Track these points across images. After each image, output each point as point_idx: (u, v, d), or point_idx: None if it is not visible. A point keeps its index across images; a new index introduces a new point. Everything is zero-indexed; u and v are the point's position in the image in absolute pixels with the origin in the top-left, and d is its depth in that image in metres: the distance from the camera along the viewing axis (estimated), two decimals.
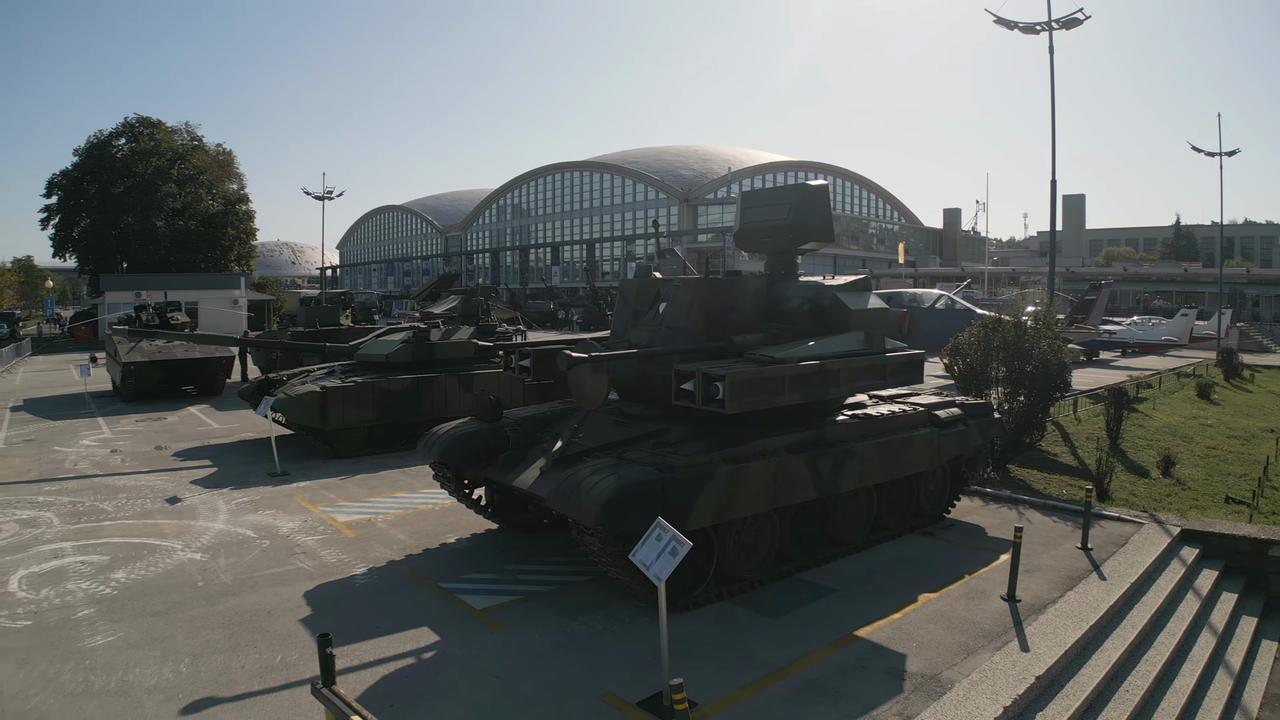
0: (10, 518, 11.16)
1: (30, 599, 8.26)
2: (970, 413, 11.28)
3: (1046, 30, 18.79)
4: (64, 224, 56.84)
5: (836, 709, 6.25)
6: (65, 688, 6.50)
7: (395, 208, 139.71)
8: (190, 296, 46.88)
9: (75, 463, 14.75)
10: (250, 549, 10.04)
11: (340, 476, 13.95)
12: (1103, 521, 11.01)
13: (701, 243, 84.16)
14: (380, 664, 7.10)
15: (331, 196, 63.04)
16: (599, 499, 7.41)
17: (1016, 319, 14.65)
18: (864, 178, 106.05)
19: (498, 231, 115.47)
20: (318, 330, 25.87)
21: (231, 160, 62.25)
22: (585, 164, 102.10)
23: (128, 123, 57.87)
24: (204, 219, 57.42)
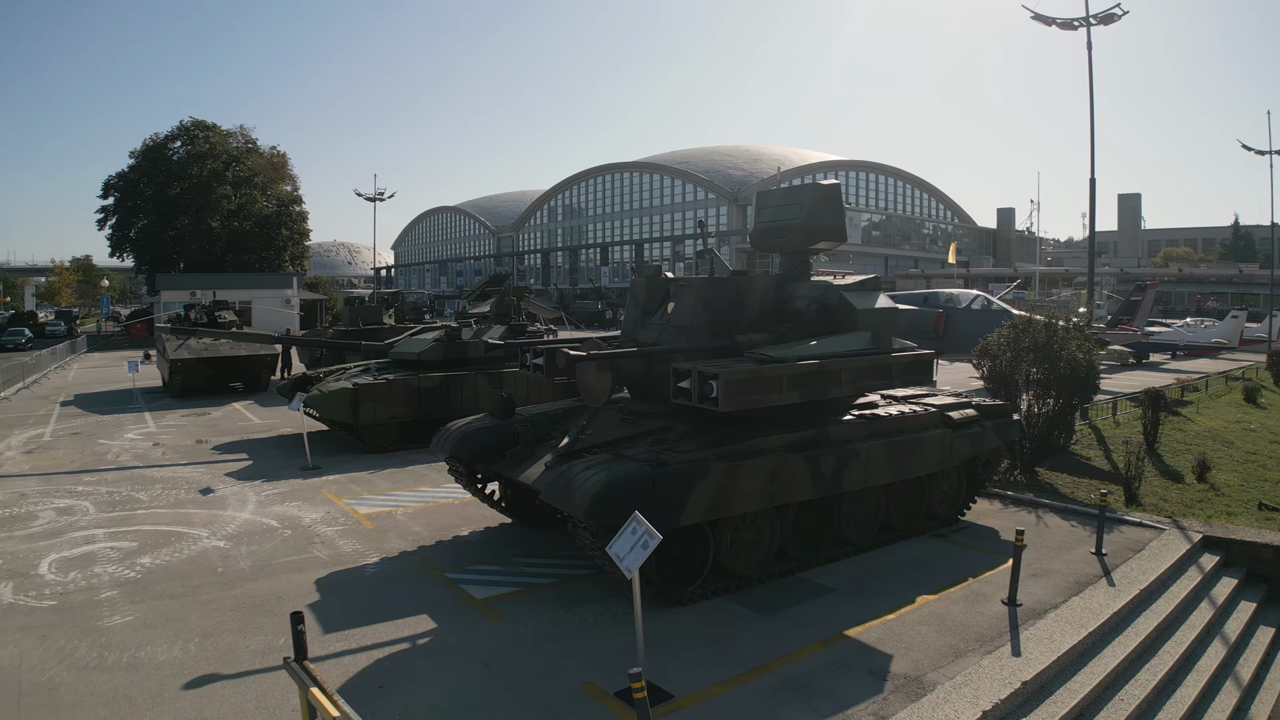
0: (49, 506, 11.79)
1: (58, 581, 8.77)
2: (986, 414, 11.10)
3: (1084, 26, 18.33)
4: (120, 224, 59.02)
5: (811, 706, 6.27)
6: (80, 662, 6.91)
7: (449, 208, 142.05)
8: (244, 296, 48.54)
9: (118, 455, 15.50)
10: (272, 538, 10.44)
11: (369, 471, 14.36)
12: (1123, 527, 10.72)
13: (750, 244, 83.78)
14: (376, 648, 7.36)
15: (383, 198, 64.70)
16: (589, 493, 7.56)
17: (1048, 319, 14.32)
18: (916, 177, 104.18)
19: (549, 232, 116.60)
20: (359, 329, 26.59)
21: (285, 162, 64.00)
22: (635, 164, 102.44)
23: (183, 126, 59.96)
24: (258, 220, 59.15)
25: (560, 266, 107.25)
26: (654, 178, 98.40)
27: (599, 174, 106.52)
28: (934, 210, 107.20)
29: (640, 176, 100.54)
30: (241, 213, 58.40)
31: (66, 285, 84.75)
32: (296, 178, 65.77)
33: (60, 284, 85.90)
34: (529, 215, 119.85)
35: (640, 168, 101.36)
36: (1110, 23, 18.22)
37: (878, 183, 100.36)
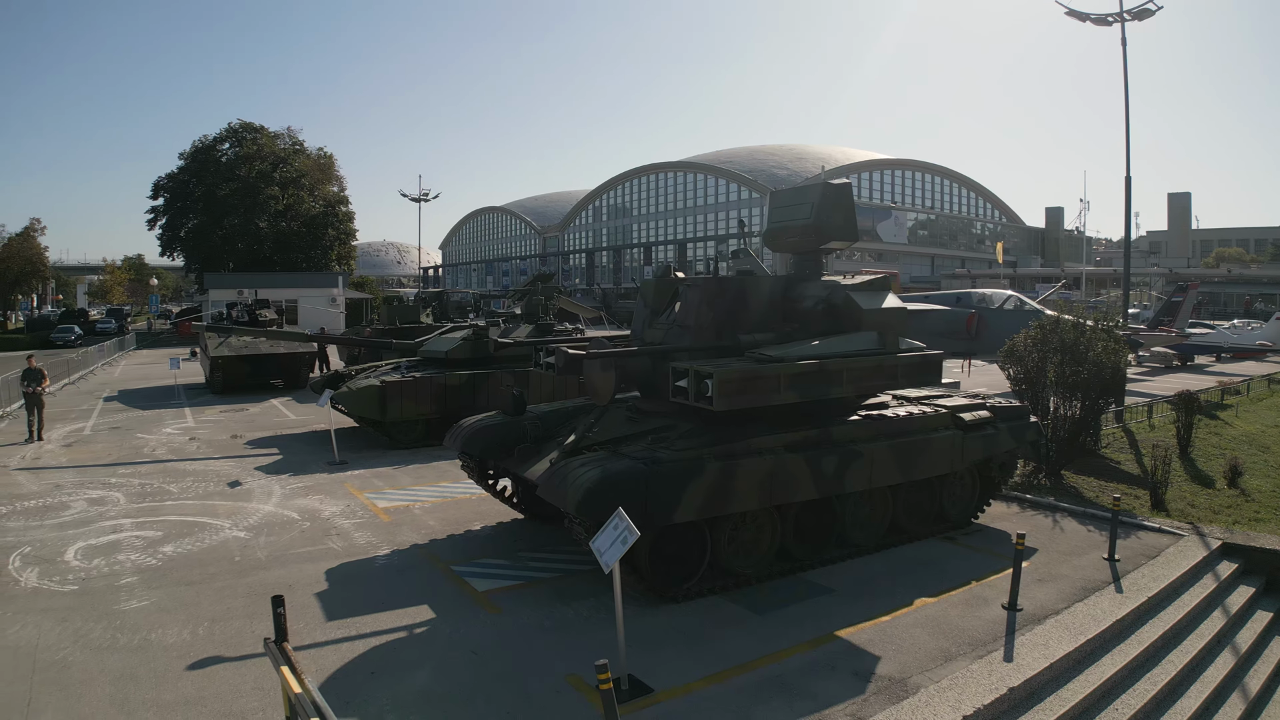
0: (81, 496, 12.33)
1: (82, 567, 9.20)
2: (1001, 416, 10.92)
3: (1119, 22, 17.84)
4: (170, 224, 60.97)
5: (789, 705, 6.28)
6: (93, 643, 7.26)
7: (495, 209, 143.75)
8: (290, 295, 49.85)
9: (153, 449, 16.12)
10: (290, 529, 10.79)
11: (394, 466, 14.70)
12: (1140, 532, 10.46)
13: None
14: (374, 635, 7.58)
15: (427, 198, 65.80)
16: (580, 489, 7.67)
17: (1077, 319, 14.00)
18: (964, 176, 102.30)
19: (594, 232, 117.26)
20: (396, 328, 27.13)
21: (332, 163, 65.43)
22: (680, 164, 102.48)
23: (231, 128, 61.70)
24: (305, 220, 60.56)
25: (604, 266, 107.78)
26: (698, 177, 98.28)
27: (643, 174, 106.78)
28: (982, 210, 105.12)
29: (684, 176, 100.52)
30: (289, 213, 59.86)
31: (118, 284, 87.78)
32: (343, 178, 67.22)
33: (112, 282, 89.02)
34: (574, 215, 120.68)
35: (684, 167, 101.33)
36: (1144, 18, 17.67)
37: (925, 181, 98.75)
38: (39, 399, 17.58)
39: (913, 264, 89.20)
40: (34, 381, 17.72)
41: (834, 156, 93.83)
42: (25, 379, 17.99)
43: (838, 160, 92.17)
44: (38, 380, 17.79)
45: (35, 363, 18.41)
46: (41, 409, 17.64)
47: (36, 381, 17.74)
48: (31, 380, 17.75)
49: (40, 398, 17.63)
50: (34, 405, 17.51)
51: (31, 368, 18.09)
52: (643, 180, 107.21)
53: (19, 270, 60.14)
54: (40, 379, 17.89)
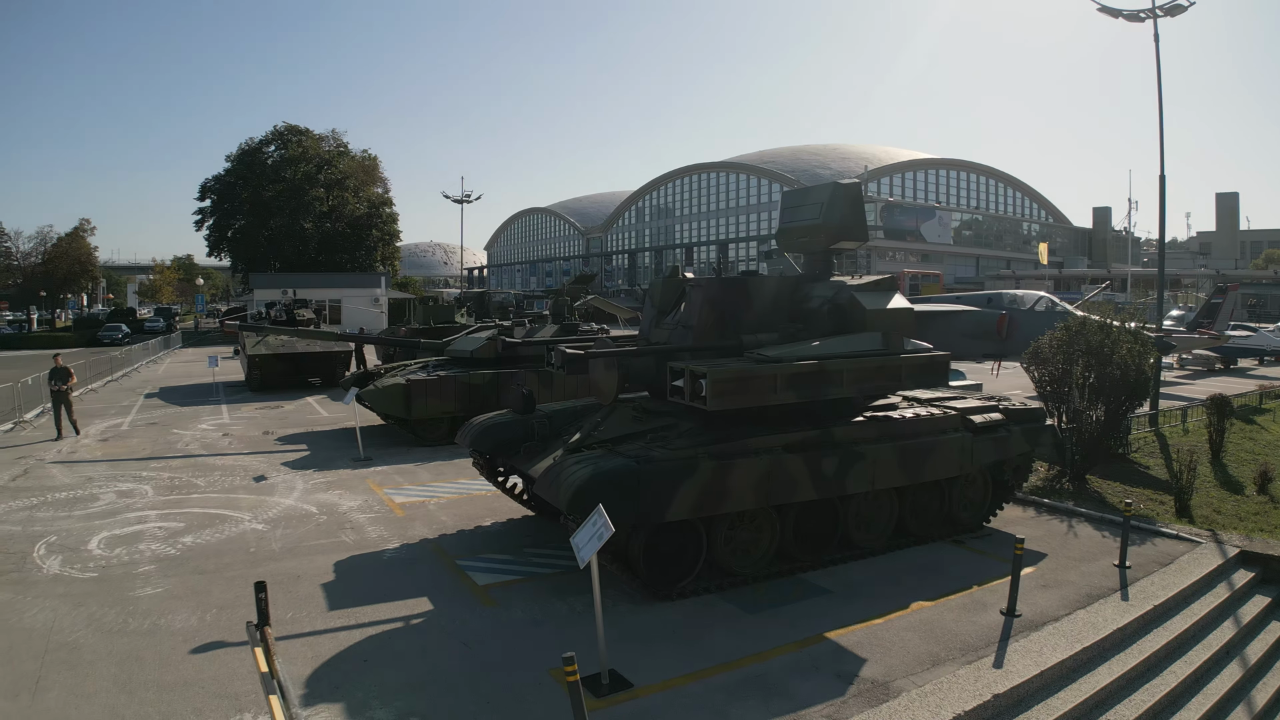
0: (111, 489, 12.83)
1: (103, 555, 9.60)
2: (1014, 418, 10.73)
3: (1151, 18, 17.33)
4: (217, 225, 62.65)
5: (766, 704, 6.29)
6: (105, 626, 7.59)
7: (540, 210, 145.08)
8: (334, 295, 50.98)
9: (187, 444, 16.68)
10: (307, 523, 11.09)
11: (416, 463, 14.99)
12: (1157, 539, 10.18)
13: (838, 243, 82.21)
14: (371, 625, 7.79)
15: (470, 199, 66.36)
16: (572, 486, 7.78)
17: (1104, 320, 13.67)
18: (1010, 175, 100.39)
19: (637, 232, 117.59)
20: (431, 327, 27.61)
21: (376, 165, 66.61)
22: (723, 165, 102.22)
23: (277, 130, 63.19)
24: (350, 221, 61.81)
25: (646, 267, 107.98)
26: (740, 177, 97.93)
27: (686, 174, 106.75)
28: (1028, 210, 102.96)
29: (727, 176, 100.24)
30: (333, 214, 61.17)
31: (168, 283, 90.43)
32: (387, 180, 68.38)
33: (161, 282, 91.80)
34: (617, 216, 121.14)
35: (727, 168, 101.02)
36: (1176, 13, 17.11)
37: (970, 181, 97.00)
38: (65, 397, 17.65)
39: (957, 265, 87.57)
40: (60, 380, 17.72)
41: (878, 156, 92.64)
42: (52, 377, 17.93)
43: (881, 160, 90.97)
44: (64, 379, 17.79)
45: (62, 361, 18.41)
46: (69, 407, 17.74)
47: (63, 380, 17.75)
48: (58, 379, 17.75)
49: (67, 396, 17.70)
50: (60, 403, 17.61)
51: (58, 366, 18.04)
52: (685, 181, 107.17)
53: (67, 270, 62.24)
54: (67, 377, 17.87)
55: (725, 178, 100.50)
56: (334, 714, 6.20)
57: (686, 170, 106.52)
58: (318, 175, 61.14)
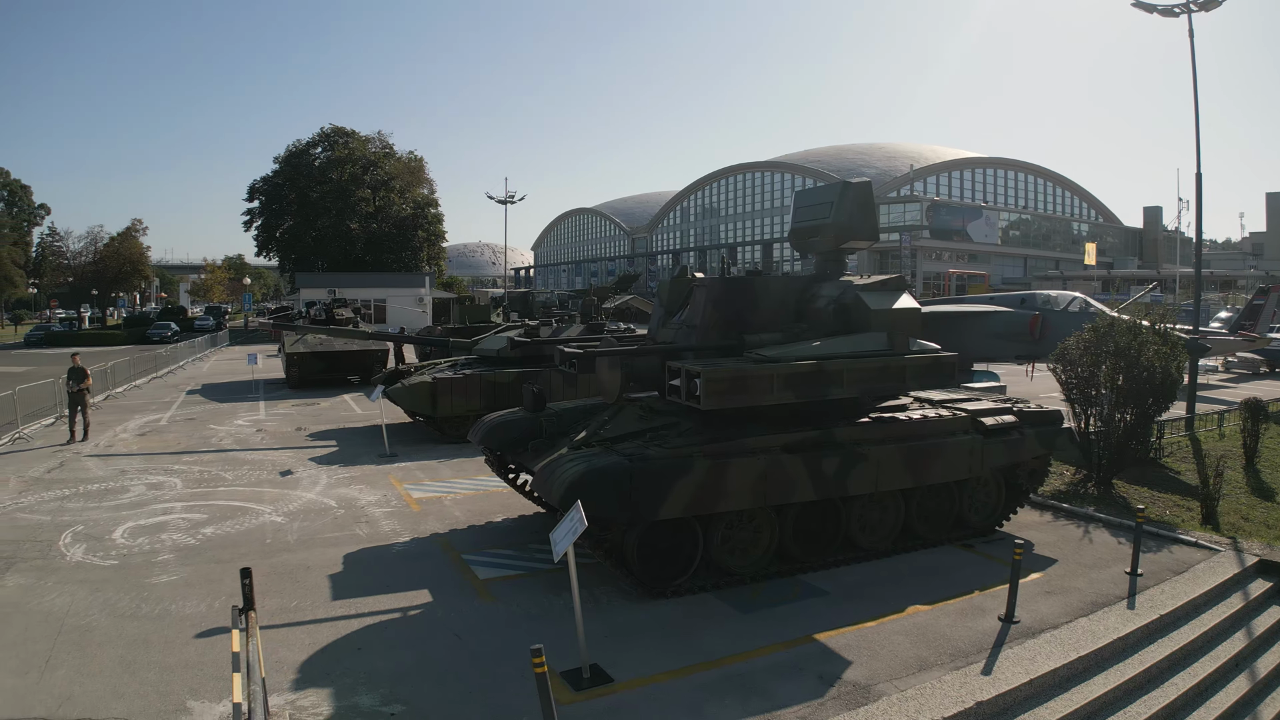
0: (143, 481, 13.33)
1: (126, 544, 10.01)
2: (1028, 420, 10.51)
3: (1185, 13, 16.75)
4: (266, 226, 64.18)
5: (743, 703, 6.30)
6: (118, 610, 7.94)
7: (586, 210, 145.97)
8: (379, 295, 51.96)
9: (221, 439, 17.23)
10: (324, 516, 11.41)
11: (439, 460, 15.27)
12: (1174, 546, 9.88)
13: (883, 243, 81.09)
14: (370, 615, 8.01)
15: (513, 200, 67.09)
16: (564, 483, 7.89)
17: (1134, 321, 13.30)
18: (1059, 174, 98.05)
19: (682, 232, 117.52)
20: (466, 327, 28.05)
21: (422, 166, 67.69)
22: (767, 164, 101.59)
23: (324, 132, 64.56)
24: (395, 222, 62.91)
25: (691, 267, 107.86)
26: (785, 177, 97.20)
27: (731, 174, 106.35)
28: (1078, 209, 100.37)
29: (772, 176, 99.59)
30: (379, 215, 62.33)
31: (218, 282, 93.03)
32: (433, 181, 69.42)
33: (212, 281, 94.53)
34: (662, 216, 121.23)
35: (772, 167, 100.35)
36: (1212, 8, 16.48)
37: (1017, 180, 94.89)
38: (82, 398, 17.10)
39: (1005, 265, 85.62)
40: (77, 380, 17.15)
41: (924, 155, 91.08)
42: (70, 377, 17.34)
43: (928, 158, 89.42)
44: (81, 379, 17.21)
45: (79, 361, 17.90)
46: (85, 409, 17.21)
47: (79, 380, 17.18)
48: (75, 379, 17.17)
49: (83, 397, 17.16)
50: (77, 404, 17.07)
51: (75, 366, 17.48)
52: (730, 181, 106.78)
53: (118, 269, 64.41)
54: (83, 377, 17.31)
55: (770, 177, 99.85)
56: (321, 698, 6.40)
57: (731, 170, 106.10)
58: (364, 176, 62.36)
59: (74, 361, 17.90)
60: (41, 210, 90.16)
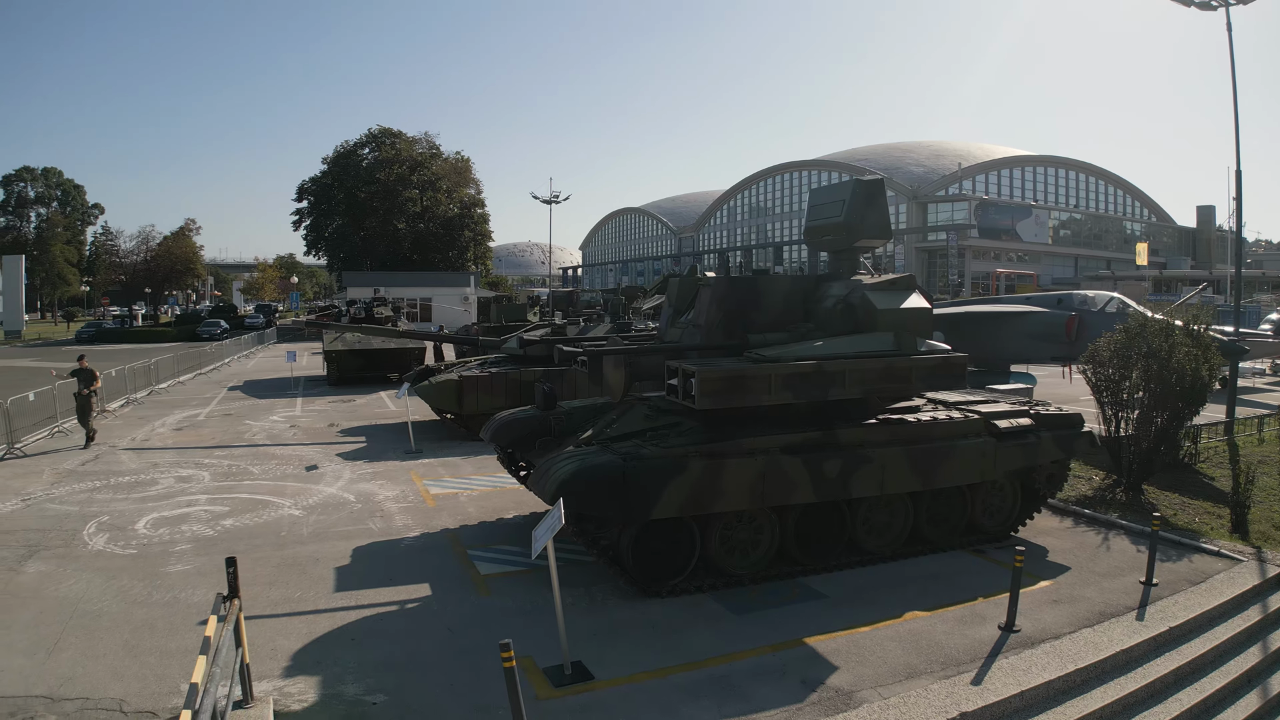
0: (172, 474, 13.77)
1: (147, 535, 10.38)
2: (1045, 424, 10.21)
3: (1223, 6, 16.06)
4: (314, 225, 65.53)
5: (719, 706, 6.26)
6: (130, 598, 8.24)
7: (633, 209, 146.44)
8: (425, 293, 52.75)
9: (254, 434, 17.71)
10: (341, 510, 11.66)
11: (462, 456, 15.48)
12: (1195, 555, 9.50)
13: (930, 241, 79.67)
14: (369, 607, 8.18)
15: (558, 200, 67.56)
16: (555, 482, 7.94)
17: (1167, 322, 12.83)
18: (1110, 173, 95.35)
19: (729, 231, 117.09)
20: (502, 325, 28.39)
21: (469, 167, 68.52)
22: (814, 163, 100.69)
23: (371, 133, 65.75)
24: (442, 221, 63.79)
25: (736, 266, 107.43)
26: (832, 175, 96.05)
27: (777, 173, 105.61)
28: (1130, 208, 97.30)
29: (819, 175, 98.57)
30: (426, 215, 63.28)
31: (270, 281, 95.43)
32: (479, 182, 70.27)
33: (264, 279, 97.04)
34: (709, 215, 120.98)
35: (819, 165, 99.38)
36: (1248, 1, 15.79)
37: (1068, 178, 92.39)
38: (88, 402, 16.33)
39: (1055, 265, 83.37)
40: (85, 383, 16.36)
41: (972, 153, 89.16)
42: (76, 379, 16.47)
43: (976, 156, 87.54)
44: (89, 381, 16.44)
45: (87, 363, 16.96)
46: (88, 413, 16.36)
47: (88, 382, 16.41)
48: (83, 381, 16.37)
49: (89, 400, 16.37)
50: (85, 408, 16.32)
51: (83, 368, 16.64)
52: (777, 180, 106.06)
53: (169, 267, 66.40)
54: (91, 380, 16.55)
55: (817, 176, 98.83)
56: (309, 685, 6.56)
57: (778, 169, 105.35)
58: (411, 177, 63.41)
59: (80, 364, 16.94)
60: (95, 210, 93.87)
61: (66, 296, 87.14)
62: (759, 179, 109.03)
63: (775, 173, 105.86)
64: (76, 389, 16.53)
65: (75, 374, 16.72)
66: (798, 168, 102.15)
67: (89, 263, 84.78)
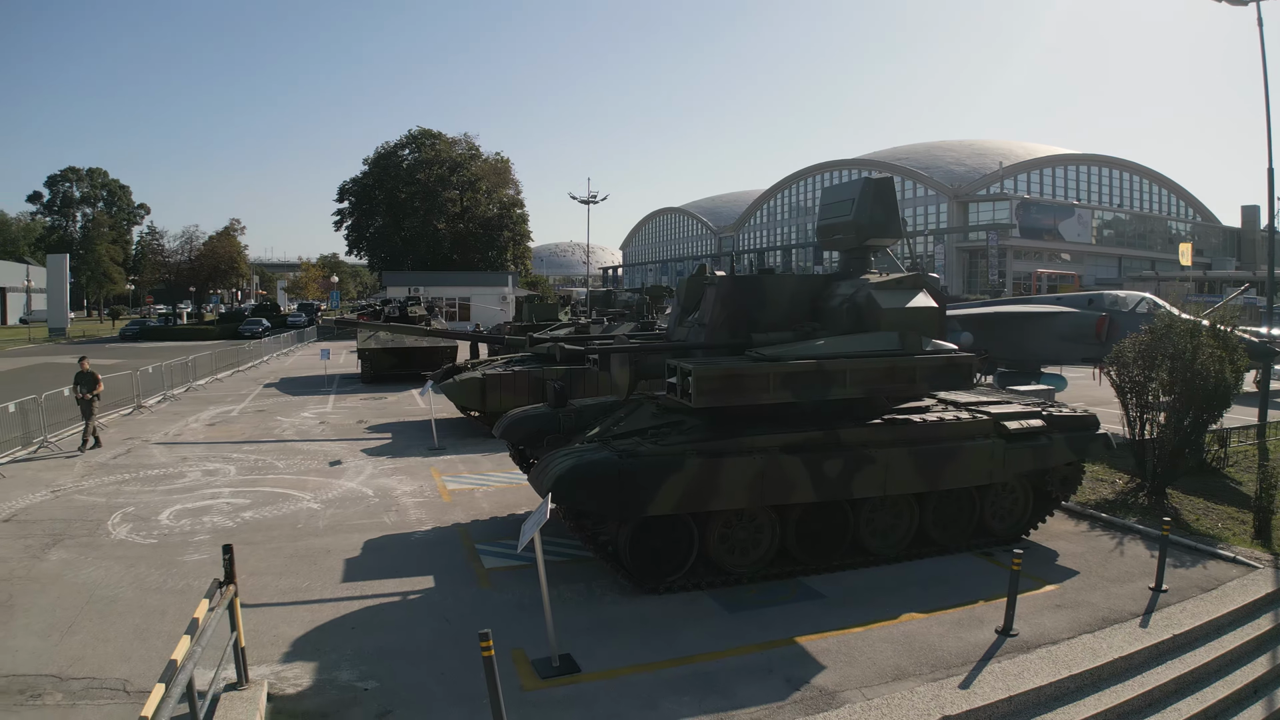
0: (200, 468, 14.20)
1: (169, 526, 10.75)
2: (1058, 425, 10.02)
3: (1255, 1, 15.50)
4: (356, 226, 66.63)
5: (700, 701, 6.30)
6: (145, 585, 8.57)
7: (673, 209, 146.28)
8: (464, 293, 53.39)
9: (284, 430, 18.16)
10: (358, 504, 11.93)
11: (483, 453, 15.69)
12: (1210, 561, 9.25)
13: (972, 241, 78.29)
14: (373, 597, 8.40)
15: (595, 200, 67.85)
16: (551, 477, 8.06)
17: (1195, 322, 12.49)
18: (1154, 171, 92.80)
19: (769, 231, 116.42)
20: (533, 325, 28.68)
21: (508, 168, 69.22)
22: (853, 162, 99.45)
23: (411, 134, 66.75)
24: (482, 222, 64.53)
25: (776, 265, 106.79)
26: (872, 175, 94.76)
27: (818, 172, 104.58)
28: (1175, 208, 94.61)
29: (859, 174, 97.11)
30: (466, 215, 64.08)
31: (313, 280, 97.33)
32: (519, 182, 70.91)
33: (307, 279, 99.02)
34: (749, 215, 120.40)
35: (860, 165, 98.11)
36: None
37: (1112, 178, 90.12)
38: (90, 406, 15.67)
39: (1099, 265, 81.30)
40: (87, 387, 15.71)
41: (1014, 151, 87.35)
42: (77, 383, 15.81)
43: (1018, 155, 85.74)
44: (91, 385, 15.76)
45: (89, 365, 16.29)
46: (92, 417, 15.76)
47: (90, 387, 15.74)
48: (84, 385, 15.72)
49: (92, 405, 15.70)
50: (87, 412, 15.65)
51: (84, 371, 15.97)
52: (817, 179, 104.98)
53: (214, 266, 67.65)
54: (94, 384, 15.82)
55: (857, 175, 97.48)
56: (305, 670, 6.78)
57: (818, 168, 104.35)
58: (451, 178, 64.27)
59: (82, 366, 16.19)
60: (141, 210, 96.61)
61: (112, 295, 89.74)
62: (799, 178, 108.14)
63: (816, 171, 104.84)
64: (79, 393, 15.79)
65: (77, 377, 16.01)
66: (838, 167, 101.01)
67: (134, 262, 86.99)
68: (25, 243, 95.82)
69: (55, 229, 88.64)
